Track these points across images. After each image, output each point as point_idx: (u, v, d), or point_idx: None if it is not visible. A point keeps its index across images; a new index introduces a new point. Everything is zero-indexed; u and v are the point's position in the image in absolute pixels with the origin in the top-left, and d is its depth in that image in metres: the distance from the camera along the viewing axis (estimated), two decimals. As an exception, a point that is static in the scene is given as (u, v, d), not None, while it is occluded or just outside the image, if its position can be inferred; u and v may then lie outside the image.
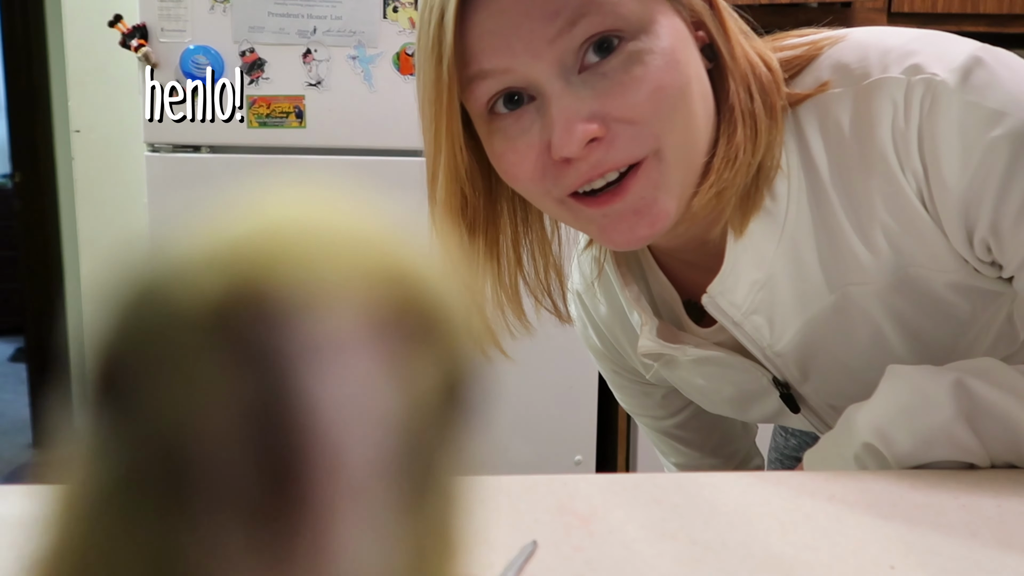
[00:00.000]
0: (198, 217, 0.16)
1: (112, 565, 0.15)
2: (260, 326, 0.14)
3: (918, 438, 0.60)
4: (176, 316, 0.14)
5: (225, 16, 1.82)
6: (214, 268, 0.14)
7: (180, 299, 0.14)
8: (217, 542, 0.13)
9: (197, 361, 0.14)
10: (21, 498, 0.60)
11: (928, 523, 0.53)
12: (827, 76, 0.65)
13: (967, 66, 0.60)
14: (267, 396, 0.13)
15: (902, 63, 0.61)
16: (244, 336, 0.14)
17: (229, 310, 0.14)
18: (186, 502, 0.14)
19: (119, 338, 0.15)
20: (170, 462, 0.14)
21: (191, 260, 0.15)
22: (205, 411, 0.14)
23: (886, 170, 0.62)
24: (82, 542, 0.15)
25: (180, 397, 0.14)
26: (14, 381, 3.79)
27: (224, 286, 0.14)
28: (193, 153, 1.86)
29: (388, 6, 1.84)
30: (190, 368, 0.14)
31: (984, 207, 0.60)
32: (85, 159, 2.55)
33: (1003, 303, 0.68)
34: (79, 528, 0.15)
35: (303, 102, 1.84)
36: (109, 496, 0.15)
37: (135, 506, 0.14)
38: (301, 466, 0.13)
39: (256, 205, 0.16)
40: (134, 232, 2.49)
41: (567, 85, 0.58)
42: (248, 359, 0.14)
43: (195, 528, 0.14)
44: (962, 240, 0.62)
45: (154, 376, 0.14)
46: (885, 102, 0.61)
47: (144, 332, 0.14)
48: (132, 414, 0.14)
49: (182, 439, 0.14)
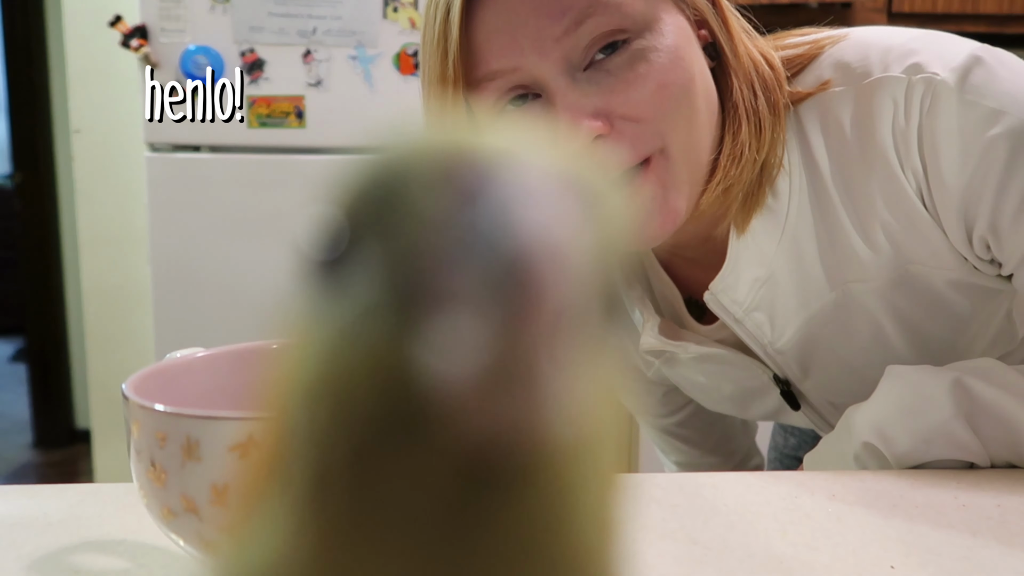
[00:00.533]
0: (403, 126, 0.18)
1: (352, 389, 0.16)
2: (478, 175, 0.16)
3: (918, 437, 0.61)
4: (411, 174, 0.16)
5: (225, 16, 1.82)
6: (435, 146, 0.17)
7: (412, 163, 0.17)
8: (453, 354, 0.15)
9: (432, 204, 0.16)
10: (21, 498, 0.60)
11: (928, 523, 0.53)
12: (828, 75, 0.65)
13: (967, 65, 0.60)
14: (493, 224, 0.15)
15: (903, 62, 0.62)
16: (467, 183, 0.16)
17: (455, 168, 0.16)
18: (424, 319, 0.15)
19: (362, 197, 0.17)
20: (414, 286, 0.16)
21: (416, 140, 0.17)
22: (441, 242, 0.16)
23: (886, 168, 0.62)
24: (323, 373, 0.16)
25: (419, 235, 0.16)
26: (14, 381, 3.79)
27: (447, 155, 0.17)
28: (193, 153, 1.86)
29: (388, 6, 1.84)
30: (427, 210, 0.16)
31: (983, 205, 0.60)
32: (85, 159, 2.55)
33: (1002, 301, 0.68)
34: (318, 366, 0.16)
35: (303, 102, 1.85)
36: (347, 329, 0.16)
37: (380, 332, 0.16)
38: (527, 282, 0.15)
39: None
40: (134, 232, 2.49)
41: (572, 82, 0.59)
42: (472, 198, 0.16)
43: (432, 342, 0.15)
44: (961, 238, 0.63)
45: (396, 222, 0.16)
46: (886, 101, 0.62)
47: (387, 189, 0.16)
48: (378, 254, 0.16)
49: (423, 266, 0.16)
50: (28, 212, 2.96)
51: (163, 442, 0.41)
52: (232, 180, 1.85)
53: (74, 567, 0.50)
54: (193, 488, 0.41)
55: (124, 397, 0.44)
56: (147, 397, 0.43)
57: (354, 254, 0.16)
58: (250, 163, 1.85)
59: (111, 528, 0.54)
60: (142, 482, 0.43)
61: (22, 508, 0.58)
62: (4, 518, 0.56)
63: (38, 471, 2.96)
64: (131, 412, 0.43)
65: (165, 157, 1.85)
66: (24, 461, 3.04)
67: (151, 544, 0.52)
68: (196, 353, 0.52)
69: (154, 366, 0.49)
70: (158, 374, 0.49)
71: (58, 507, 0.57)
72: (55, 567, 0.50)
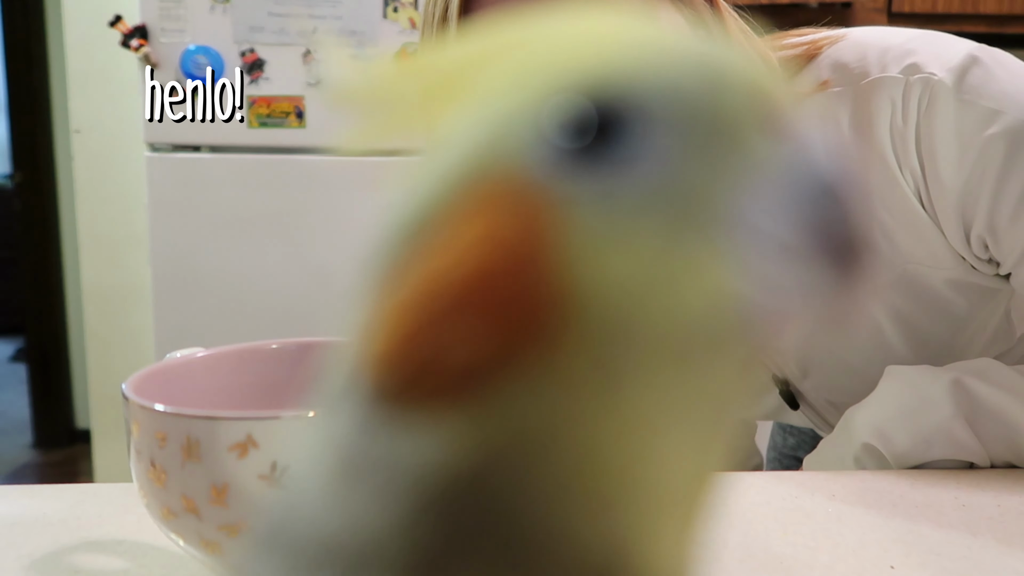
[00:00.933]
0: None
1: (683, 296, 0.16)
2: (779, 112, 0.17)
3: (917, 437, 0.61)
4: (731, 90, 0.17)
5: (225, 16, 1.82)
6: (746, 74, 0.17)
7: (730, 78, 0.17)
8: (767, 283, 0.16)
9: (750, 126, 0.16)
10: (21, 498, 0.60)
11: (928, 523, 0.53)
12: (826, 75, 0.65)
13: (964, 65, 0.60)
14: (805, 164, 0.16)
15: (900, 62, 0.62)
16: (776, 117, 0.17)
17: (764, 98, 0.17)
18: (754, 254, 0.16)
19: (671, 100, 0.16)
20: (712, 209, 0.16)
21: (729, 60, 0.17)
22: (759, 169, 0.16)
23: (884, 168, 0.62)
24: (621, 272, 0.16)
25: (728, 158, 0.16)
26: (14, 381, 3.79)
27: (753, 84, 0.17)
28: (193, 153, 1.86)
29: (388, 6, 1.84)
30: (743, 130, 0.16)
31: (980, 204, 0.61)
32: (85, 159, 2.55)
33: (1000, 300, 0.68)
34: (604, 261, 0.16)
35: (303, 102, 1.84)
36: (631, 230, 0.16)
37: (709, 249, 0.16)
38: (846, 225, 0.16)
39: None
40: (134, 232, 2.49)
41: None
42: (782, 134, 0.17)
43: (746, 270, 0.16)
44: (959, 237, 0.63)
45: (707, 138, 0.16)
46: (884, 101, 0.62)
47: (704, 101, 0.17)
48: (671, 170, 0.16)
49: (725, 193, 0.16)
50: (28, 212, 2.96)
51: (163, 442, 0.41)
52: (232, 180, 1.85)
53: (74, 567, 0.50)
54: (193, 488, 0.41)
55: (124, 397, 0.44)
56: (147, 397, 0.43)
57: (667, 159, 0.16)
58: (250, 163, 1.84)
59: (111, 528, 0.54)
60: (142, 482, 0.43)
61: (22, 508, 0.57)
62: (4, 518, 0.56)
63: (38, 471, 2.96)
64: (131, 412, 0.43)
65: (165, 157, 1.85)
66: (24, 461, 3.04)
67: (151, 544, 0.52)
68: (196, 353, 0.52)
69: (154, 366, 0.49)
70: (158, 374, 0.49)
71: (58, 507, 0.57)
72: (55, 567, 0.50)
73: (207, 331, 1.85)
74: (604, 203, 0.16)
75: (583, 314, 0.16)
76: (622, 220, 0.16)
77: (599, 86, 0.16)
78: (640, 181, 0.16)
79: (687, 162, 0.16)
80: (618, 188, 0.16)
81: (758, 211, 0.16)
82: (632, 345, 0.16)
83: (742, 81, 0.17)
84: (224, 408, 0.48)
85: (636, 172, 0.16)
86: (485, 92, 0.18)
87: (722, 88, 0.17)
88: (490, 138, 0.17)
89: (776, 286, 0.16)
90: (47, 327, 3.01)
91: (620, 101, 0.16)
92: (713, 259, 0.16)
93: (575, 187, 0.16)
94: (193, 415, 0.41)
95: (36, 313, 3.02)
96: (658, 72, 0.16)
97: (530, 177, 0.16)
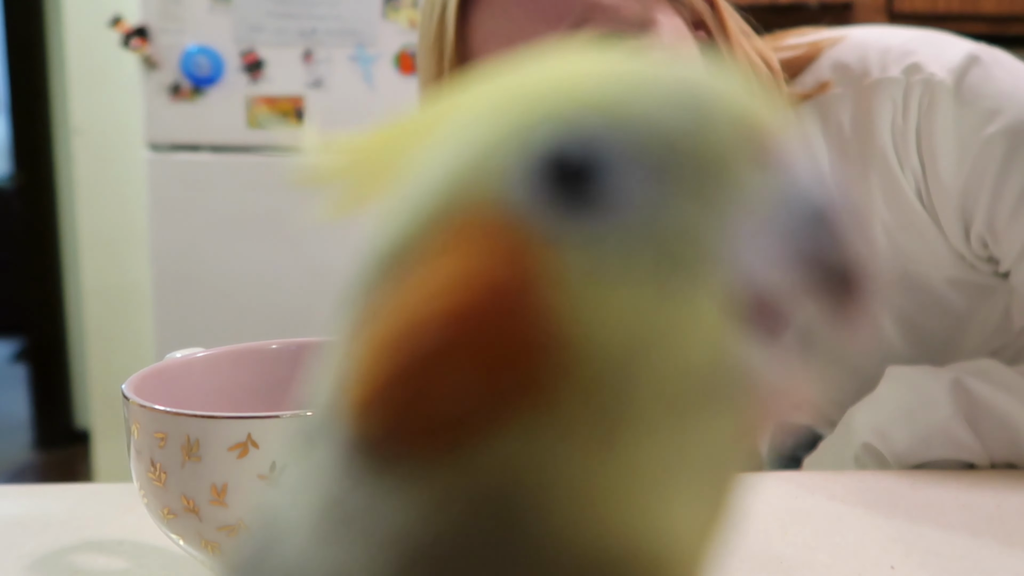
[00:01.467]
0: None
1: (683, 345, 0.15)
2: (767, 140, 0.16)
3: (917, 437, 0.61)
4: (715, 123, 0.16)
5: (225, 16, 1.82)
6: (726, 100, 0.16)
7: (713, 111, 0.16)
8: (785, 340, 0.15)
9: (736, 159, 0.16)
10: (21, 498, 0.60)
11: (928, 523, 0.53)
12: (827, 76, 0.65)
13: (964, 65, 0.61)
14: (796, 193, 0.16)
15: (901, 62, 0.62)
16: (764, 146, 0.16)
17: (750, 127, 0.16)
18: (704, 288, 0.15)
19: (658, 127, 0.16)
20: (700, 246, 0.15)
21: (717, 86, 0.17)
22: (748, 203, 0.15)
23: (886, 168, 0.63)
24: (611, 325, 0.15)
25: (715, 188, 0.15)
26: (14, 381, 3.79)
27: (739, 110, 0.16)
28: (193, 153, 1.86)
29: (388, 6, 1.84)
30: (729, 164, 0.16)
31: (980, 203, 0.61)
32: (85, 159, 2.55)
33: (1000, 297, 0.68)
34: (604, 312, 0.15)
35: (303, 102, 1.84)
36: (667, 282, 0.15)
37: (710, 295, 0.15)
38: (843, 254, 0.15)
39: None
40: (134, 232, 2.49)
41: None
42: (771, 164, 0.16)
43: (764, 323, 0.15)
44: (959, 236, 0.63)
45: (691, 168, 0.16)
46: (885, 102, 0.62)
47: (687, 127, 0.16)
48: (662, 200, 0.15)
49: (717, 224, 0.15)
50: (28, 212, 2.96)
51: (163, 442, 0.41)
52: (232, 180, 1.85)
53: (74, 567, 0.50)
54: (193, 488, 0.41)
55: (124, 397, 0.44)
56: (147, 397, 0.43)
57: (640, 193, 0.15)
58: (250, 163, 1.84)
59: (111, 528, 0.54)
60: (142, 482, 0.43)
61: (22, 508, 0.57)
62: (4, 518, 0.56)
63: (38, 471, 2.95)
64: (131, 412, 0.43)
65: (165, 157, 1.85)
66: (24, 461, 3.04)
67: (151, 544, 0.52)
68: (196, 353, 0.52)
69: (154, 366, 0.49)
70: (158, 374, 0.49)
71: (58, 507, 0.57)
72: (55, 567, 0.50)
73: (207, 331, 1.85)
74: (589, 244, 0.15)
75: (578, 362, 0.15)
76: (610, 262, 0.15)
77: (576, 122, 0.15)
78: (623, 222, 0.15)
79: (671, 200, 0.15)
80: (602, 228, 0.15)
81: (750, 248, 0.15)
82: (629, 396, 0.15)
83: (726, 111, 0.16)
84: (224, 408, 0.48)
85: (618, 212, 0.15)
86: (459, 126, 0.17)
87: (705, 121, 0.16)
88: (465, 170, 0.16)
89: (775, 330, 0.15)
90: (47, 327, 3.01)
91: (599, 139, 0.15)
92: (709, 306, 0.15)
93: (557, 226, 0.15)
94: (193, 415, 0.41)
95: (36, 313, 3.02)
96: (637, 107, 0.16)
97: (509, 212, 0.15)
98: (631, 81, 0.16)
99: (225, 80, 1.81)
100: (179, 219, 1.86)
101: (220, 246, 1.86)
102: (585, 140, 0.15)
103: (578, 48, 0.18)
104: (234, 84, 1.81)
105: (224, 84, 1.81)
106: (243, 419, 0.41)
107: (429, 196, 0.16)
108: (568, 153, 0.15)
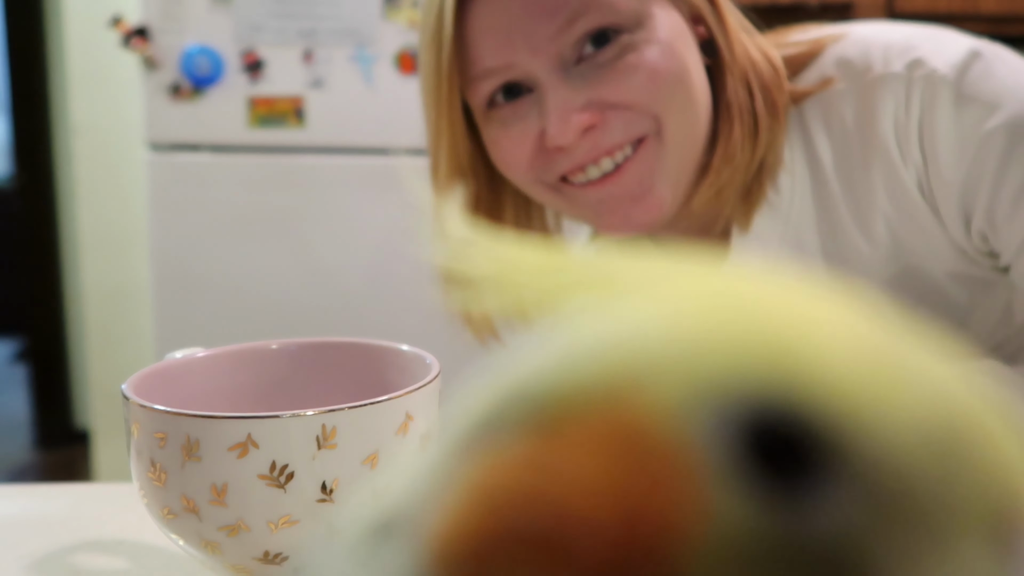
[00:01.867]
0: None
1: None
2: (1015, 516, 0.13)
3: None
4: (963, 475, 0.13)
5: (225, 16, 1.82)
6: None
7: (967, 457, 0.13)
8: None
9: (970, 527, 0.12)
10: (21, 498, 0.60)
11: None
12: (831, 72, 0.65)
13: (966, 61, 0.62)
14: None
15: (904, 58, 0.63)
16: (1009, 523, 0.12)
17: (1003, 491, 0.13)
18: None
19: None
20: None
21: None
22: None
23: (888, 163, 0.63)
24: None
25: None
26: (14, 381, 3.79)
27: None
28: (193, 153, 1.86)
29: (388, 6, 1.84)
30: (960, 530, 0.12)
31: (980, 197, 0.61)
32: (85, 159, 2.55)
33: (1001, 291, 0.69)
34: None
35: (303, 102, 1.84)
36: None
37: None
38: None
39: None
40: (134, 232, 2.49)
41: (564, 77, 0.60)
42: (1007, 548, 0.12)
43: None
44: (960, 230, 0.64)
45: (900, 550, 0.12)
46: (887, 97, 0.63)
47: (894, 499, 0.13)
48: None
49: None
50: (28, 212, 2.96)
51: (163, 442, 0.41)
52: (232, 180, 1.85)
53: (74, 567, 0.50)
54: (193, 488, 0.41)
55: (124, 397, 0.44)
56: (147, 397, 0.43)
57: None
58: (250, 163, 1.84)
59: (111, 528, 0.54)
60: (142, 482, 0.43)
61: (22, 508, 0.57)
62: (4, 518, 0.56)
63: (38, 471, 2.96)
64: (131, 412, 0.43)
65: (165, 157, 1.85)
66: (24, 461, 3.04)
67: (151, 544, 0.52)
68: (196, 353, 0.52)
69: (154, 366, 0.49)
70: (158, 374, 0.49)
71: (58, 507, 0.57)
72: (55, 567, 0.50)
73: (207, 331, 1.85)
74: (758, 537, 0.12)
75: None
76: (769, 569, 0.12)
77: (795, 389, 0.13)
78: (805, 534, 0.12)
79: (871, 543, 0.12)
80: (779, 527, 0.12)
81: None
82: None
83: (982, 462, 0.13)
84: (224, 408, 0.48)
85: (806, 521, 0.12)
86: (651, 315, 0.14)
87: (953, 467, 0.13)
88: (645, 368, 0.13)
89: None
90: (47, 327, 3.01)
91: (829, 430, 0.12)
92: None
93: (726, 489, 0.12)
94: (193, 415, 0.41)
95: (36, 313, 3.02)
96: (881, 413, 0.13)
97: (687, 451, 0.13)
98: (883, 374, 0.13)
99: (225, 80, 1.81)
100: (179, 219, 1.86)
101: (220, 246, 1.86)
102: (810, 422, 0.13)
103: (816, 287, 0.14)
104: (234, 84, 1.81)
105: (224, 84, 1.81)
106: (243, 419, 0.40)
107: (593, 365, 0.14)
108: (785, 427, 0.13)
